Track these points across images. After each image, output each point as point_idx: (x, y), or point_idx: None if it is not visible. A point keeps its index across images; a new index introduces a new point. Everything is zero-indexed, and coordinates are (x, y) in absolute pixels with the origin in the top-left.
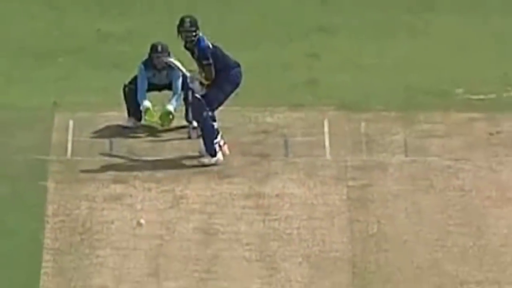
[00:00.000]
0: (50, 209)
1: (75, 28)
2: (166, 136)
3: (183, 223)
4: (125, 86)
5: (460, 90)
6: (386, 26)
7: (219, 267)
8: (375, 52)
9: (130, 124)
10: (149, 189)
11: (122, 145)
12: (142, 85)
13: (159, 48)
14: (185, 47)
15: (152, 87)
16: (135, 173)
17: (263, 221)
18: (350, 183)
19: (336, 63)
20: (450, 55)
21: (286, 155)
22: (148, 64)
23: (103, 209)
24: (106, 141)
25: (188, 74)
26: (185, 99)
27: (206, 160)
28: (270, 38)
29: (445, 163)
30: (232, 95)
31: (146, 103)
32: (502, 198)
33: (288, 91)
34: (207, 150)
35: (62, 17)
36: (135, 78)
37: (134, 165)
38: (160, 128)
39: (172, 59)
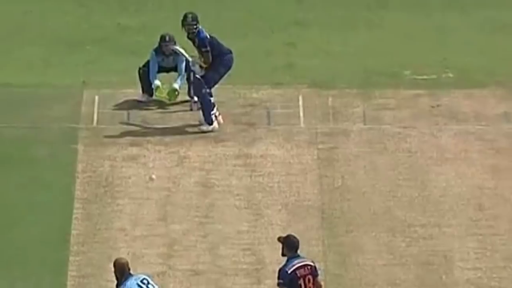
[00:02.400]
0: (80, 167)
1: (100, 22)
2: (172, 108)
3: (186, 178)
4: (140, 68)
5: (407, 72)
6: (349, 20)
7: (215, 213)
8: (340, 41)
9: (144, 99)
10: (159, 151)
11: (138, 115)
12: (153, 67)
13: (167, 38)
14: (188, 37)
15: (161, 69)
16: (148, 138)
17: (250, 176)
18: (320, 146)
19: (309, 50)
20: (399, 44)
21: (269, 124)
22: (158, 51)
23: (122, 167)
24: (125, 112)
25: (190, 59)
26: (188, 79)
27: (205, 127)
28: (256, 30)
29: (396, 130)
30: (226, 76)
31: (157, 82)
32: (442, 158)
33: (270, 72)
34: (205, 119)
35: (89, 13)
36: (148, 62)
37: (147, 131)
38: (168, 102)
39: (177, 47)
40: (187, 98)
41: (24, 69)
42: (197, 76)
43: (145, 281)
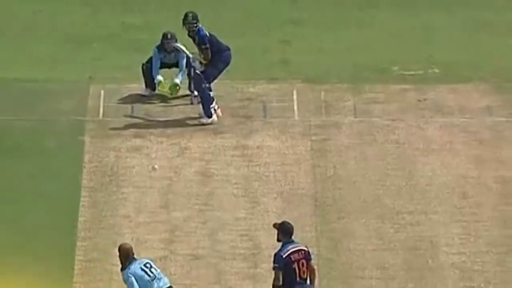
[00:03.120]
0: (86, 157)
1: (105, 21)
2: (174, 102)
3: (187, 168)
4: (143, 64)
5: (396, 68)
6: (341, 19)
7: (214, 201)
8: (333, 39)
9: (147, 93)
10: (161, 142)
11: (141, 109)
12: (156, 63)
13: (169, 36)
14: (188, 35)
15: (163, 65)
16: (150, 130)
17: (247, 166)
18: (313, 137)
19: (303, 48)
20: (388, 41)
21: (265, 116)
22: (161, 48)
23: (126, 157)
24: (129, 106)
25: (190, 56)
26: (189, 74)
27: (204, 120)
28: (253, 29)
29: (385, 122)
30: (224, 71)
31: (159, 77)
32: (428, 149)
33: (266, 68)
34: (205, 112)
35: (95, 12)
36: (151, 58)
37: (150, 124)
38: (169, 96)
39: (178, 44)
40: (188, 92)
41: (34, 65)
42: (197, 71)
43: (148, 265)
